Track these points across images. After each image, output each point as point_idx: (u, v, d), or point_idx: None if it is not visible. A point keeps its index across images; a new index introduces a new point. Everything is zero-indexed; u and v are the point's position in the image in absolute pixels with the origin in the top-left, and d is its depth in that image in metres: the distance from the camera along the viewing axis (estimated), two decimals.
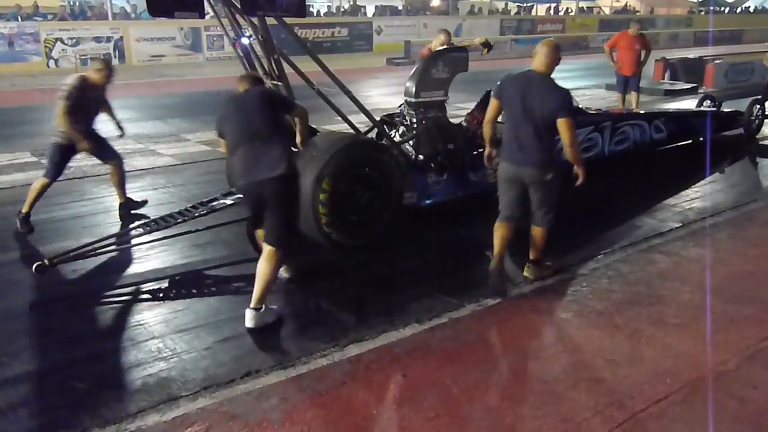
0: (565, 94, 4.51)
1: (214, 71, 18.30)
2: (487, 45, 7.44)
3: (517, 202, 4.76)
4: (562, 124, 4.41)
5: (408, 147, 6.42)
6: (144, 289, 4.86)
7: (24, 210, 5.98)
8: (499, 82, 4.77)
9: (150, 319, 4.38)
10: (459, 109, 8.87)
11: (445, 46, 7.24)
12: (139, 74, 18.56)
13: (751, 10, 49.03)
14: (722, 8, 46.94)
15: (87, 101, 5.86)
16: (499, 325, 4.28)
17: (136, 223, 5.73)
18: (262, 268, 4.18)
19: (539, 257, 4.92)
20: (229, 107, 4.34)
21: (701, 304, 4.47)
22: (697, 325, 4.18)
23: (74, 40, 19.49)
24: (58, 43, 19.32)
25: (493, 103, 4.80)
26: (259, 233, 4.59)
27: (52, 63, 19.24)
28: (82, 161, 8.52)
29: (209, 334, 4.16)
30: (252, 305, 4.20)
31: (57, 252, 5.01)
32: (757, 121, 9.85)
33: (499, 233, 4.78)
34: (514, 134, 4.61)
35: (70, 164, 8.43)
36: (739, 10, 48.60)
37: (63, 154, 6.02)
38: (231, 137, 4.30)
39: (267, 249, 4.20)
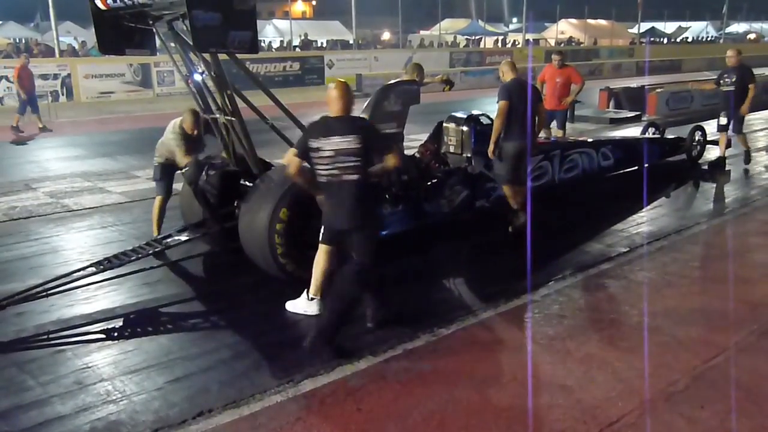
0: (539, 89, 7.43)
1: (165, 107, 18.16)
2: (448, 82, 7.56)
3: (517, 167, 6.68)
4: (541, 105, 6.93)
5: None
6: (92, 330, 4.73)
7: (155, 234, 6.26)
8: (505, 90, 6.59)
9: (99, 360, 4.26)
10: (412, 140, 8.96)
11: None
12: (88, 111, 18.31)
13: (689, 40, 51.18)
14: (662, 39, 48.85)
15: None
16: (453, 355, 4.29)
17: (88, 262, 5.60)
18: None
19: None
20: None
21: (650, 326, 4.57)
22: (647, 348, 4.26)
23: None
24: (3, 80, 18.94)
25: (504, 105, 6.58)
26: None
27: None
28: (28, 201, 8.36)
29: (160, 375, 4.07)
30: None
31: (2, 294, 4.86)
32: (698, 147, 10.20)
33: (511, 192, 6.75)
34: (520, 120, 6.55)
35: (16, 204, 8.27)
36: (678, 40, 50.70)
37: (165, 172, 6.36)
38: None
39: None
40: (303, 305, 4.90)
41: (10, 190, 8.98)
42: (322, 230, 4.80)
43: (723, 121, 9.87)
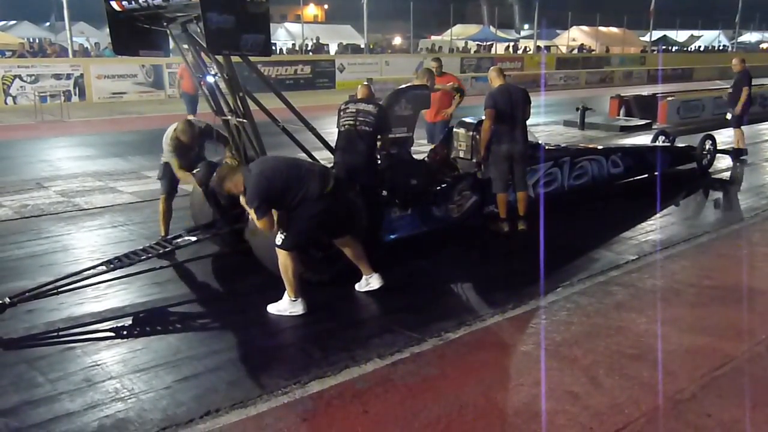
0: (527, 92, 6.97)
1: (177, 108, 18.18)
2: (459, 90, 7.55)
3: (508, 174, 6.80)
4: (528, 108, 6.82)
5: None
6: (102, 328, 4.77)
7: (162, 233, 6.31)
8: (490, 97, 6.68)
9: (108, 359, 4.29)
10: (422, 145, 8.99)
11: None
12: (100, 111, 18.43)
13: (701, 49, 51.01)
14: (673, 47, 48.70)
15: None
16: (460, 359, 4.30)
17: (98, 261, 5.64)
18: (360, 248, 5.29)
19: (527, 212, 6.91)
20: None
21: (657, 334, 4.56)
22: (654, 355, 4.25)
23: (33, 78, 19.29)
24: (17, 80, 19.11)
25: (491, 113, 6.63)
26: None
27: (9, 100, 18.99)
28: (39, 199, 8.42)
29: (168, 374, 4.10)
30: (368, 274, 5.32)
31: (13, 292, 4.90)
32: (708, 156, 10.16)
33: (502, 200, 6.88)
34: (509, 125, 6.67)
35: (27, 202, 8.33)
36: (689, 49, 50.52)
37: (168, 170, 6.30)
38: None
39: (355, 240, 5.26)
40: (287, 306, 4.92)
41: (22, 188, 9.05)
42: (283, 237, 4.83)
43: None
